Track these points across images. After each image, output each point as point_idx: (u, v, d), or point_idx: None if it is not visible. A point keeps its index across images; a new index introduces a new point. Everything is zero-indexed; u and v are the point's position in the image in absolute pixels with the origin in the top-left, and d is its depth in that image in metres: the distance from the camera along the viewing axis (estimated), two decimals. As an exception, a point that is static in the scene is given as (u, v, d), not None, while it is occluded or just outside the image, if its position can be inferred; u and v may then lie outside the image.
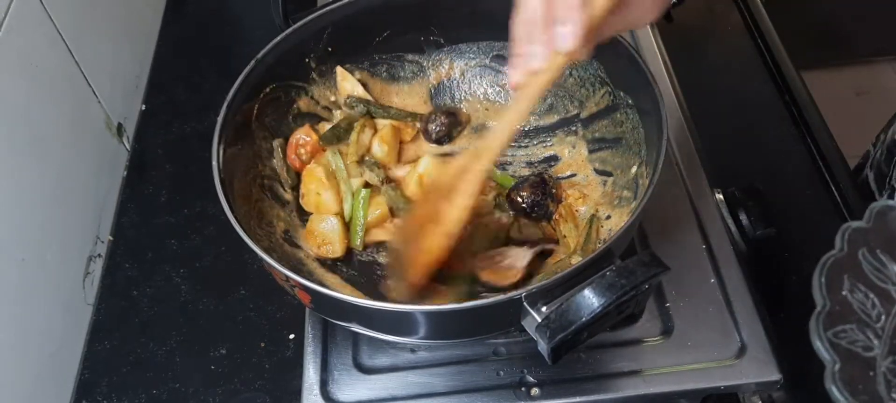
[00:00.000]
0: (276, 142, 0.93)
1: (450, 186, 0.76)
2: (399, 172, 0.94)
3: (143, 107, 1.20)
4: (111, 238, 1.04)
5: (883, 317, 0.61)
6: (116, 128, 1.14)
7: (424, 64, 1.03)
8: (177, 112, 1.18)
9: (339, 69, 0.98)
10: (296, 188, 0.93)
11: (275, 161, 0.92)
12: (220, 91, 0.83)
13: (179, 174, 1.10)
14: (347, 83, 0.98)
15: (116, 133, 1.14)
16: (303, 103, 0.97)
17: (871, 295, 0.61)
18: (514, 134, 0.72)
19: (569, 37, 0.60)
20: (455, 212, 0.75)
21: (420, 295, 0.79)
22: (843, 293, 0.61)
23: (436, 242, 0.77)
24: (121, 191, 1.10)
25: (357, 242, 0.89)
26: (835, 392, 0.57)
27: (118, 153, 1.14)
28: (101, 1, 1.12)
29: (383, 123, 0.97)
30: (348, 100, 0.96)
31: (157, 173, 1.11)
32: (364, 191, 0.89)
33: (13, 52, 0.88)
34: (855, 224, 0.63)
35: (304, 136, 0.93)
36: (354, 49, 0.98)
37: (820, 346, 0.60)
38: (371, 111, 0.97)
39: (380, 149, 0.95)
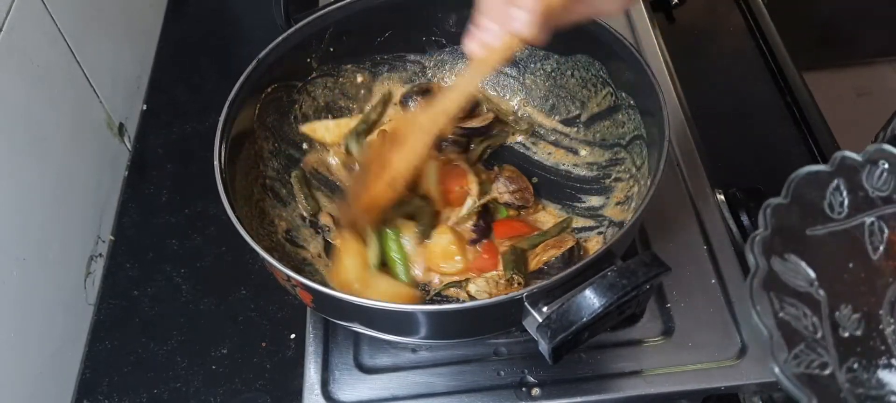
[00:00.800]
0: (294, 175, 0.93)
1: (402, 140, 0.79)
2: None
3: (145, 107, 1.20)
4: (112, 238, 1.04)
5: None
6: (118, 127, 1.14)
7: (426, 64, 1.03)
8: (178, 112, 1.19)
9: (307, 127, 0.96)
10: (315, 215, 0.92)
11: (297, 195, 0.93)
12: (221, 91, 0.83)
13: (180, 174, 1.10)
14: (319, 132, 0.97)
15: (117, 133, 1.14)
16: (305, 103, 0.97)
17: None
18: (464, 101, 0.74)
19: (524, 22, 0.62)
20: (401, 165, 0.79)
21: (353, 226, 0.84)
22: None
23: (380, 189, 0.80)
24: (122, 190, 1.10)
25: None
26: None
27: (119, 153, 1.14)
28: (102, 1, 1.12)
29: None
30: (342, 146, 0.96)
31: (158, 173, 1.11)
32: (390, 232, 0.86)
33: (14, 51, 0.88)
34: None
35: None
36: (356, 49, 0.99)
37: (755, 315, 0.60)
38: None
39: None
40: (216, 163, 0.77)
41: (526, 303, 0.66)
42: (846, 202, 0.66)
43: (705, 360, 0.81)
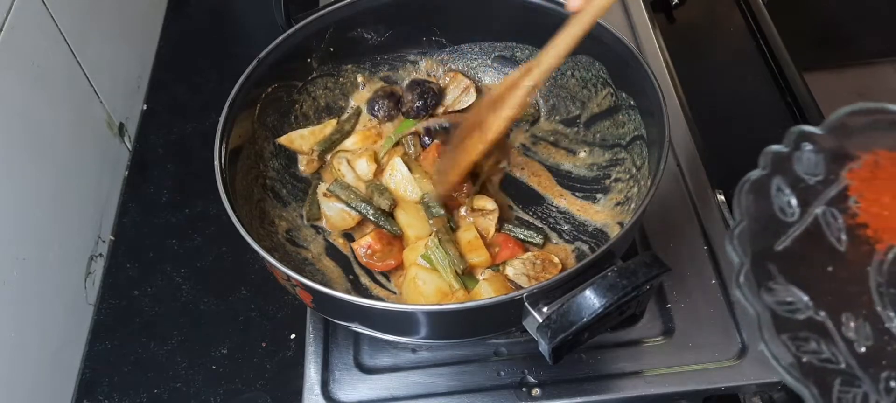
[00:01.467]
0: (322, 187, 0.93)
1: (498, 97, 0.80)
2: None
3: (145, 107, 1.20)
4: (112, 237, 1.04)
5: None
6: (118, 127, 1.14)
7: (425, 64, 1.03)
8: (178, 112, 1.19)
9: (284, 138, 0.95)
10: (318, 220, 0.92)
11: (308, 198, 0.93)
12: (221, 91, 0.83)
13: (181, 174, 1.10)
14: (296, 143, 0.96)
15: (118, 133, 1.14)
16: (305, 103, 0.97)
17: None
18: (563, 57, 0.75)
19: None
20: (497, 122, 0.80)
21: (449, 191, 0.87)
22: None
23: (475, 146, 0.82)
24: (122, 190, 1.10)
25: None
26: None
27: (119, 153, 1.14)
28: (102, 1, 1.12)
29: (348, 147, 0.97)
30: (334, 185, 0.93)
31: (159, 173, 1.11)
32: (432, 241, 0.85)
33: (15, 51, 0.88)
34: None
35: (365, 246, 0.87)
36: (356, 49, 0.99)
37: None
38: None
39: (366, 167, 0.93)
40: (216, 162, 0.77)
41: (526, 303, 0.66)
42: (794, 201, 0.66)
43: (705, 360, 0.81)
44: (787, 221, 0.67)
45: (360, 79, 1.01)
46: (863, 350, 0.60)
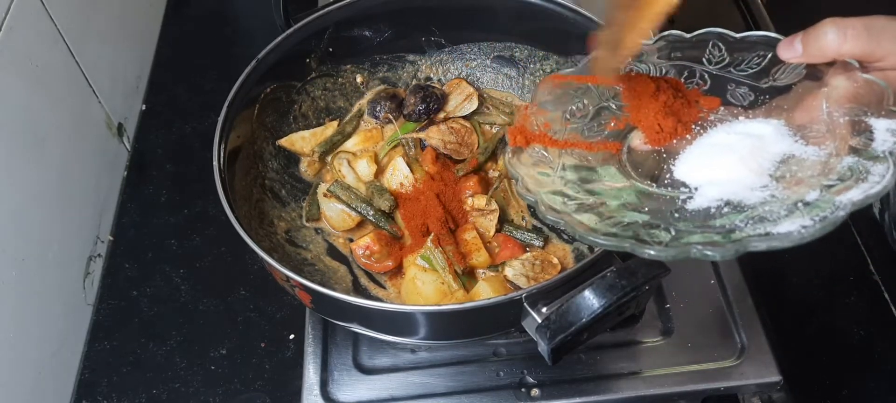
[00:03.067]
0: (323, 188, 0.93)
1: None
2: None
3: (144, 107, 1.20)
4: (111, 238, 1.04)
5: None
6: (117, 127, 1.14)
7: (425, 64, 1.03)
8: (177, 112, 1.18)
9: (285, 140, 0.95)
10: (318, 221, 0.92)
11: (309, 197, 0.93)
12: (220, 91, 0.83)
13: (180, 174, 1.10)
14: (297, 144, 0.96)
15: (117, 133, 1.14)
16: (304, 104, 0.97)
17: None
18: None
19: None
20: None
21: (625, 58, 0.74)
22: None
23: (643, 16, 0.67)
24: (121, 190, 1.10)
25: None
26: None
27: (118, 153, 1.14)
28: (101, 1, 1.12)
29: (349, 148, 0.97)
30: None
31: (158, 173, 1.11)
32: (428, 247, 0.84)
33: (14, 51, 0.88)
34: None
35: (364, 247, 0.86)
36: (355, 50, 0.98)
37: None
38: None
39: (367, 169, 0.93)
40: (215, 163, 0.77)
41: (525, 304, 0.66)
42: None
43: (704, 361, 0.81)
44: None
45: (359, 79, 1.01)
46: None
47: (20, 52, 0.90)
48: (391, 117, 0.97)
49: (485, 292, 0.81)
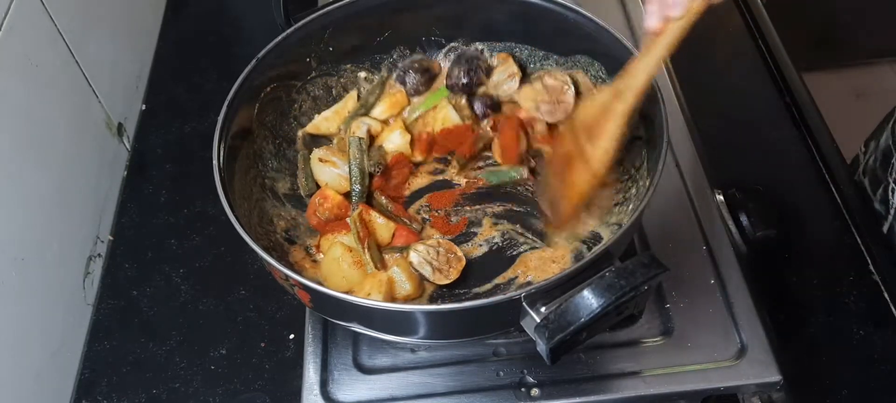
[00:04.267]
0: (300, 155, 0.93)
1: (592, 124, 0.77)
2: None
3: (144, 107, 1.20)
4: (111, 237, 1.04)
5: None
6: (117, 127, 1.14)
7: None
8: (177, 112, 1.18)
9: (311, 126, 0.96)
10: (313, 192, 0.92)
11: (300, 171, 0.93)
12: (220, 91, 0.83)
13: (179, 174, 1.10)
14: (322, 128, 0.97)
15: (117, 133, 1.14)
16: (304, 103, 0.97)
17: None
18: (652, 78, 0.72)
19: None
20: (599, 154, 0.76)
21: (570, 225, 0.83)
22: None
23: (583, 180, 0.78)
24: (121, 190, 1.10)
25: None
26: None
27: (118, 153, 1.14)
28: (101, 1, 1.12)
29: (376, 116, 0.98)
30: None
31: (158, 173, 1.11)
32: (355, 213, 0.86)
33: (14, 51, 0.88)
34: None
35: (322, 198, 0.89)
36: (355, 49, 0.98)
37: None
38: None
39: (401, 139, 0.94)
40: (215, 162, 0.77)
41: (524, 304, 0.66)
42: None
43: (704, 361, 0.81)
44: None
45: (362, 75, 1.01)
46: None
47: (20, 52, 0.90)
48: (422, 89, 0.97)
49: (398, 277, 0.80)
